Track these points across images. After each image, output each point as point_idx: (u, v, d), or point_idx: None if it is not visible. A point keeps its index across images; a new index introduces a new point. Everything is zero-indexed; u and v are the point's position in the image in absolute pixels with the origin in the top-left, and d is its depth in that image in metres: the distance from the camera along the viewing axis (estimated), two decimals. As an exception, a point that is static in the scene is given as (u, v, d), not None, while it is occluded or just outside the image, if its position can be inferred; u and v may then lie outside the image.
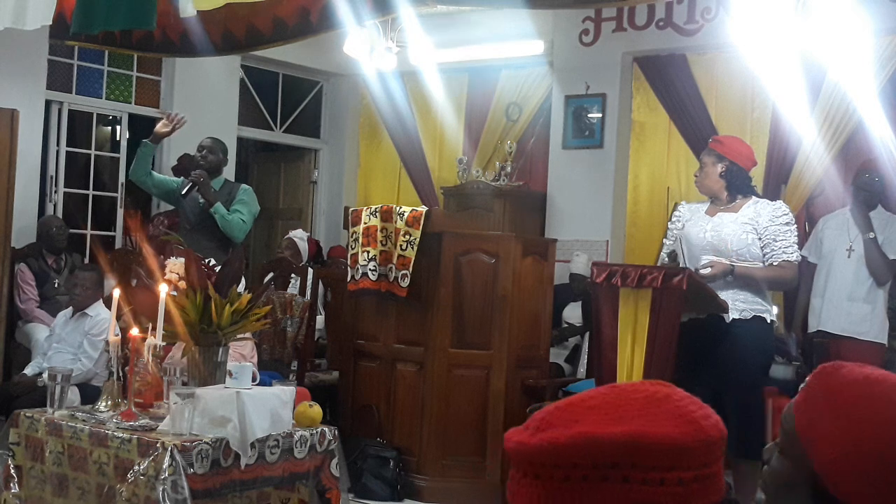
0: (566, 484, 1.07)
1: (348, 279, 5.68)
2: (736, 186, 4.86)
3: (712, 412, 1.16)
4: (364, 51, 7.59)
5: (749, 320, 4.68)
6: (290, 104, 9.18)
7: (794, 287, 5.43)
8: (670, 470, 1.06)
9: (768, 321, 4.76)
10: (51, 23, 4.77)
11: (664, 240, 5.16)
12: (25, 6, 4.69)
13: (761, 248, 4.72)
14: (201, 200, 5.71)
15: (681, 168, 7.30)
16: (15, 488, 3.88)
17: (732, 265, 4.65)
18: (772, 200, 5.02)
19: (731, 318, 4.65)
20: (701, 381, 4.44)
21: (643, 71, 7.48)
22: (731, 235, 4.72)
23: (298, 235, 7.62)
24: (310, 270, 6.51)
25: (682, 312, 4.54)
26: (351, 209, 5.89)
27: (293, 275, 6.63)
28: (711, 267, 4.63)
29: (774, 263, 4.70)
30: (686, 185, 7.06)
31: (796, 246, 4.77)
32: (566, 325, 6.89)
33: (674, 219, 5.08)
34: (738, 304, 4.67)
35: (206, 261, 4.36)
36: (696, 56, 7.22)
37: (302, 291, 6.36)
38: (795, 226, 4.84)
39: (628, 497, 1.06)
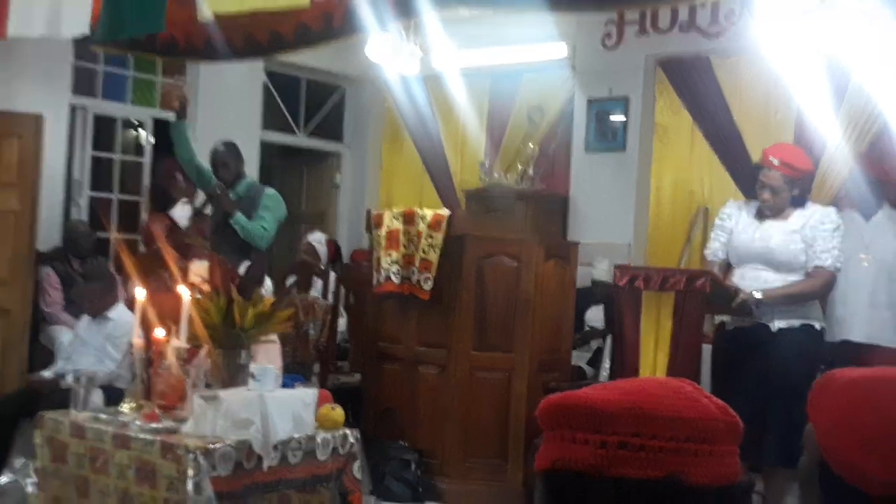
0: (544, 443, 1.21)
1: (373, 282, 5.69)
2: (800, 203, 4.75)
3: (714, 406, 1.20)
4: (387, 55, 7.60)
5: (797, 329, 4.59)
6: (312, 108, 9.21)
7: (825, 295, 5.15)
8: (594, 432, 1.14)
9: (818, 328, 4.68)
10: (87, 32, 4.77)
11: (713, 234, 5.01)
12: (60, 14, 4.71)
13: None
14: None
15: (703, 171, 7.27)
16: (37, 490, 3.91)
17: (758, 299, 4.54)
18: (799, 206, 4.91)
19: (777, 328, 4.57)
20: (743, 388, 4.40)
21: (666, 74, 7.45)
22: (778, 246, 4.60)
23: (317, 239, 7.61)
24: (332, 273, 6.53)
25: (705, 315, 4.53)
26: (373, 212, 5.90)
27: (315, 277, 6.65)
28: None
29: (809, 269, 4.61)
30: (710, 188, 7.04)
31: (836, 252, 4.61)
32: (588, 328, 6.87)
33: (723, 216, 4.92)
34: (785, 313, 4.59)
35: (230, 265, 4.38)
36: (719, 59, 7.19)
37: (324, 294, 6.37)
38: (839, 233, 4.67)
39: (564, 455, 1.16)
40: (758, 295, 4.51)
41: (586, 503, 1.15)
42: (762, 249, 4.65)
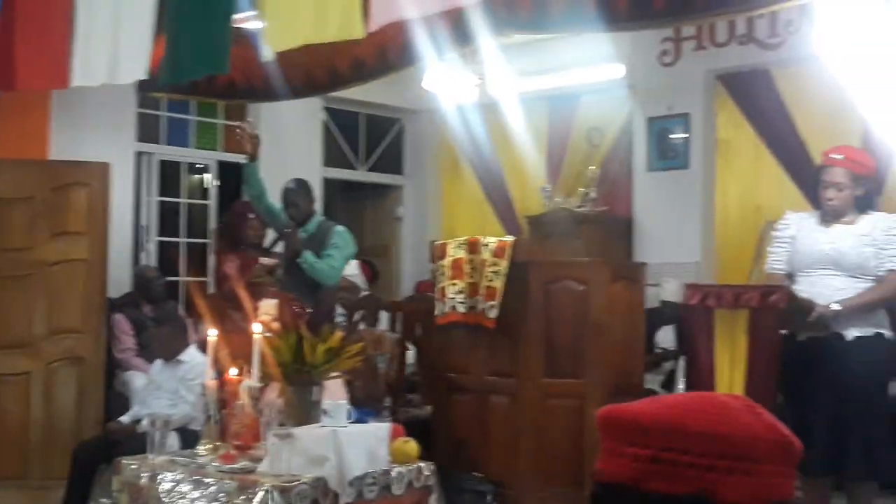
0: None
1: (436, 313, 5.67)
2: (866, 207, 4.66)
3: (761, 421, 1.16)
4: (443, 84, 7.62)
5: (871, 337, 4.47)
6: (372, 142, 9.28)
7: None
8: (630, 445, 1.14)
9: (887, 336, 4.55)
10: (145, 76, 4.86)
11: (771, 248, 4.92)
12: (118, 61, 4.81)
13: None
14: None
15: (770, 185, 7.14)
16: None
17: (836, 311, 4.43)
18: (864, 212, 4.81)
19: (853, 336, 4.45)
20: (820, 400, 4.30)
21: (726, 88, 7.37)
22: (851, 249, 4.49)
23: (349, 273, 7.44)
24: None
25: (780, 330, 4.43)
26: (436, 242, 5.89)
27: (381, 311, 6.65)
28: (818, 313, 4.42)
29: (880, 274, 4.50)
30: (778, 202, 6.90)
31: None
32: (659, 350, 6.77)
33: (780, 227, 4.83)
34: (859, 321, 4.47)
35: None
36: (780, 70, 7.09)
37: (392, 327, 6.37)
38: None
39: (605, 466, 1.17)
40: (836, 307, 4.40)
41: None
42: (834, 253, 4.53)
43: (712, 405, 1.17)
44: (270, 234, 6.94)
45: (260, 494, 3.46)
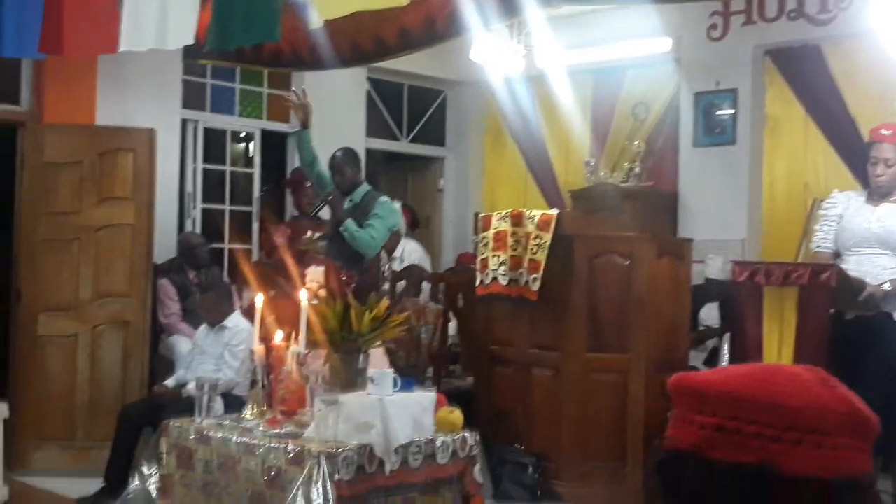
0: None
1: (477, 283, 5.67)
2: None
3: (835, 393, 1.15)
4: (490, 56, 7.58)
5: None
6: (415, 114, 9.25)
7: None
8: (697, 413, 1.15)
9: None
10: (192, 42, 4.87)
11: (817, 227, 4.89)
12: (166, 27, 4.82)
13: None
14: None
15: (818, 162, 7.05)
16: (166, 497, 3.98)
17: (887, 290, 4.38)
18: None
19: None
20: (867, 380, 4.26)
21: (776, 64, 7.27)
22: None
23: None
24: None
25: (829, 309, 4.38)
26: (481, 215, 5.87)
27: (425, 282, 6.65)
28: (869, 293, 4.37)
29: None
30: (825, 179, 6.82)
31: None
32: (703, 328, 6.73)
33: (827, 206, 4.82)
34: None
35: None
36: (831, 46, 6.98)
37: (434, 298, 6.37)
38: None
39: (674, 433, 1.18)
40: (887, 287, 4.36)
41: (682, 483, 1.16)
42: (881, 232, 4.49)
43: (782, 376, 1.16)
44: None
45: (307, 459, 3.48)
